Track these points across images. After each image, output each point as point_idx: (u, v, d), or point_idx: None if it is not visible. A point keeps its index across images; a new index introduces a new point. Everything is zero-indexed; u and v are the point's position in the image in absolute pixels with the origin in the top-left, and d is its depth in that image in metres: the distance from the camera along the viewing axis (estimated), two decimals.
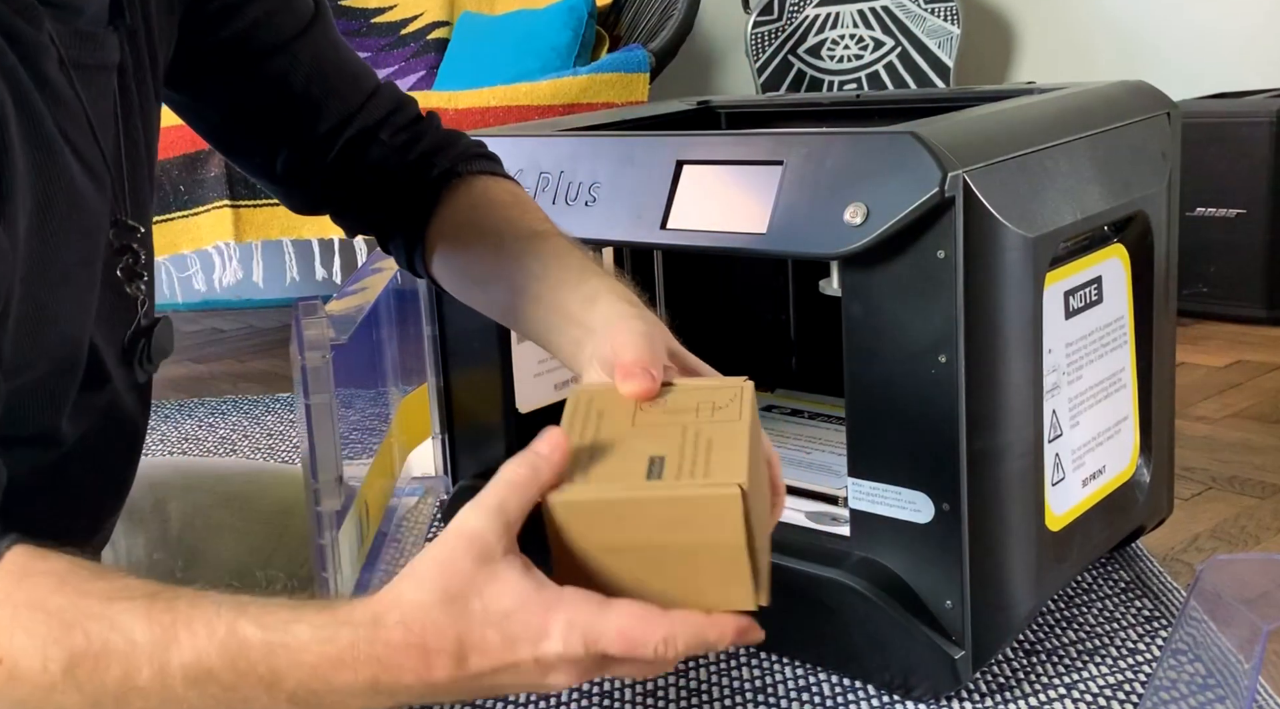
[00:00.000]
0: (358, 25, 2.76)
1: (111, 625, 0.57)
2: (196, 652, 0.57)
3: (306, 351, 0.89)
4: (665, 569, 0.61)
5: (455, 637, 0.58)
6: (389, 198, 0.96)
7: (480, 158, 0.98)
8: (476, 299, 0.95)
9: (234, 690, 0.58)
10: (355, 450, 1.12)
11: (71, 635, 0.57)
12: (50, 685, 0.57)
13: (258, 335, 2.73)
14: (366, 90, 0.96)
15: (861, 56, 2.72)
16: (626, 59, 2.26)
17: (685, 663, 1.13)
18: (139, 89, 0.83)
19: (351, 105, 0.94)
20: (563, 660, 0.59)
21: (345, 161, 0.95)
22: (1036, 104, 1.12)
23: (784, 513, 1.13)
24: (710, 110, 1.47)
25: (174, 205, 2.08)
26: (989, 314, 0.95)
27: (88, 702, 0.58)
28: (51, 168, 0.70)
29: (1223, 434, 1.70)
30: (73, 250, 0.73)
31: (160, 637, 0.58)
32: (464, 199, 0.94)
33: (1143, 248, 1.15)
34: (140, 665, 0.57)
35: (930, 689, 1.03)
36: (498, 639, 0.59)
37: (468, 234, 0.93)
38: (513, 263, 0.88)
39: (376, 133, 0.95)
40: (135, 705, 0.58)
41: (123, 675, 0.57)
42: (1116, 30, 2.65)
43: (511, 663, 0.59)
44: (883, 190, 0.93)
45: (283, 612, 0.59)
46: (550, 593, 0.59)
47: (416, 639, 0.58)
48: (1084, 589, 1.23)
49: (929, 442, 0.96)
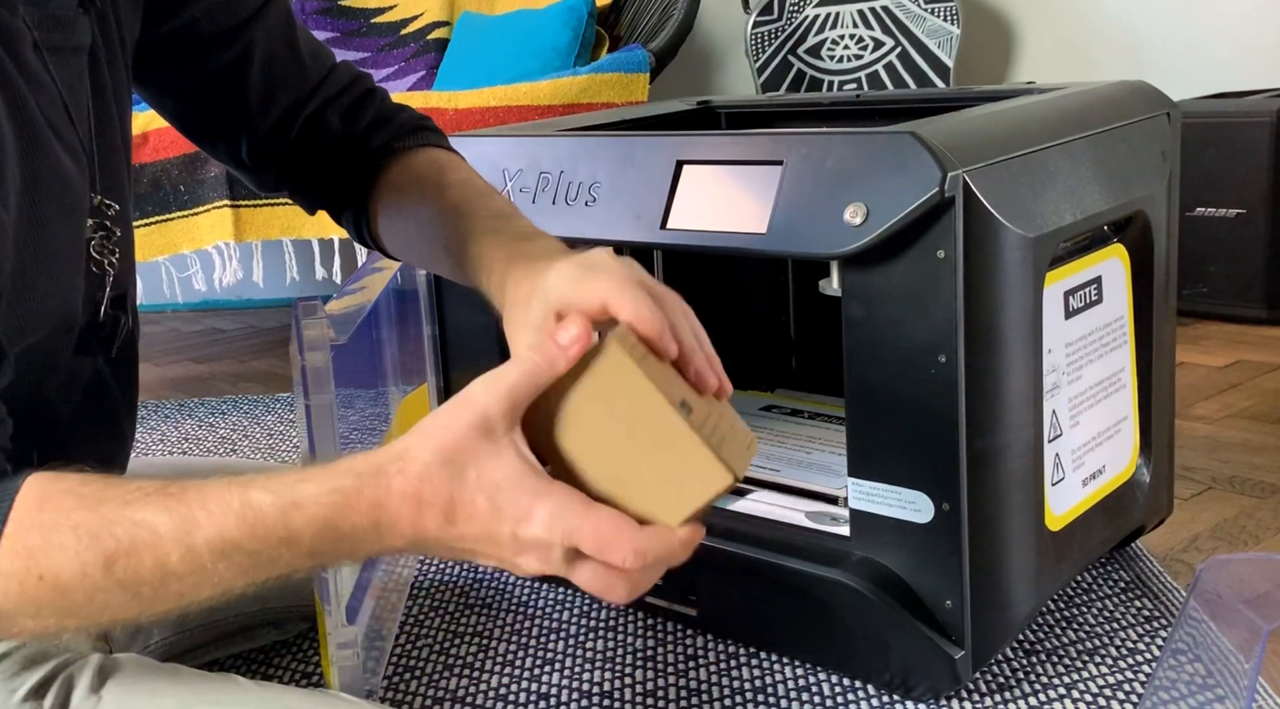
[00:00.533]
0: (358, 25, 2.76)
1: (135, 523, 0.63)
2: (217, 528, 0.63)
3: (306, 352, 0.89)
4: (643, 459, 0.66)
5: (448, 496, 0.63)
6: (338, 171, 0.99)
7: (420, 131, 1.01)
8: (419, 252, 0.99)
9: (258, 555, 0.64)
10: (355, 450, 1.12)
11: (101, 541, 0.62)
12: (93, 588, 0.63)
13: (258, 335, 2.73)
14: (324, 69, 0.99)
15: (861, 56, 2.72)
16: (626, 59, 2.26)
17: (685, 663, 1.13)
18: (110, 71, 0.85)
19: (310, 83, 0.98)
20: (538, 545, 0.63)
21: (303, 139, 0.98)
22: (1036, 104, 1.12)
23: (784, 513, 1.13)
24: (710, 110, 1.47)
25: (174, 205, 2.08)
26: (989, 314, 0.95)
27: (129, 594, 0.63)
28: (37, 149, 0.73)
29: (1223, 434, 1.70)
30: (61, 227, 0.76)
31: (180, 522, 0.63)
32: (400, 171, 0.98)
33: (1143, 248, 1.15)
34: (169, 551, 0.63)
35: (930, 689, 1.03)
36: (486, 508, 0.63)
37: (404, 198, 0.97)
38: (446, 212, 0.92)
39: (330, 108, 0.98)
40: (172, 588, 0.64)
41: (155, 563, 0.63)
42: (1116, 30, 2.65)
43: (493, 533, 0.64)
44: (883, 190, 0.93)
45: (288, 476, 0.64)
46: (542, 481, 0.64)
47: (414, 489, 0.63)
48: (1084, 589, 1.23)
49: (929, 442, 0.96)
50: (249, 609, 1.14)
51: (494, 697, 1.10)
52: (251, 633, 1.17)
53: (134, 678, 0.80)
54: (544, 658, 1.16)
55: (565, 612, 1.25)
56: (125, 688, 0.79)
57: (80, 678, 0.79)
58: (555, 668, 1.14)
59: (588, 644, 1.18)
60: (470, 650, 1.18)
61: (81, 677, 0.79)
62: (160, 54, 0.93)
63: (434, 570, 1.37)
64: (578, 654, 1.16)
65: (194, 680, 0.82)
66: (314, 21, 2.73)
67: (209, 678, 0.83)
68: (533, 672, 1.14)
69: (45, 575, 0.62)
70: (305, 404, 0.91)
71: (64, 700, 0.78)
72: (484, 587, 1.32)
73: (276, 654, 1.19)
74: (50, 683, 0.79)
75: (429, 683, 1.13)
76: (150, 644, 1.05)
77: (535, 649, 1.18)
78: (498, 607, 1.27)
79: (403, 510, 0.64)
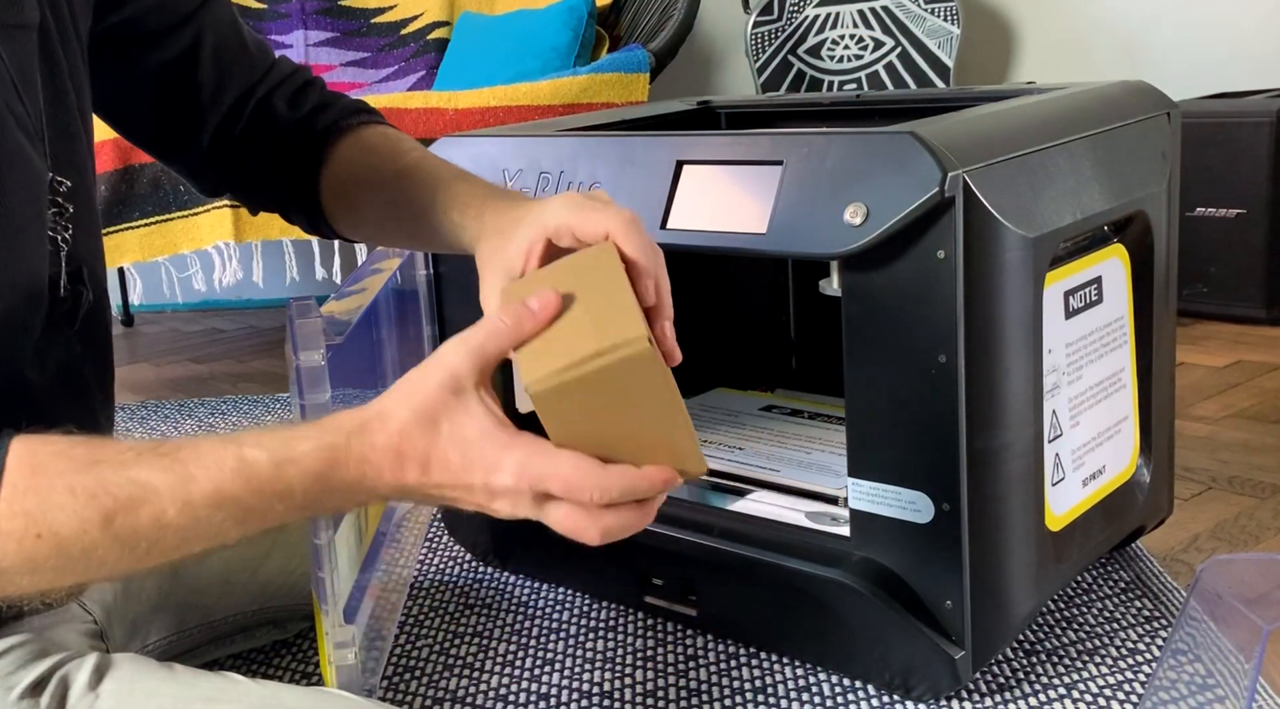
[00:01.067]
0: (358, 25, 2.76)
1: (131, 481, 0.66)
2: (214, 482, 0.66)
3: (301, 351, 0.88)
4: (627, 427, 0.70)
5: (424, 449, 0.68)
6: (287, 157, 1.00)
7: (364, 112, 1.03)
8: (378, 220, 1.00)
9: (253, 509, 0.67)
10: None
11: (99, 499, 0.65)
12: (91, 545, 0.65)
13: (258, 335, 2.73)
14: (268, 59, 1.01)
15: (861, 56, 2.72)
16: (626, 59, 2.26)
17: (685, 663, 1.13)
18: (65, 52, 0.85)
19: (257, 72, 1.00)
20: (508, 492, 0.68)
21: (251, 128, 1.00)
22: (1036, 104, 1.12)
23: (784, 513, 1.13)
24: (710, 110, 1.47)
25: (174, 205, 2.08)
26: (989, 314, 0.95)
27: (125, 548, 0.66)
28: None
29: (1223, 434, 1.70)
30: (25, 201, 0.77)
31: (176, 479, 0.66)
32: (352, 146, 1.00)
33: (1143, 248, 1.15)
34: (166, 506, 0.66)
35: (930, 689, 1.03)
36: (459, 460, 0.68)
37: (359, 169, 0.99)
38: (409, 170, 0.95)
39: (276, 94, 1.00)
40: (169, 541, 0.67)
41: (152, 519, 0.66)
42: (1116, 30, 2.65)
43: (466, 483, 0.69)
44: (883, 190, 0.93)
45: (278, 433, 0.69)
46: (509, 433, 0.68)
47: (394, 444, 0.68)
48: (1084, 589, 1.23)
49: (929, 442, 0.96)
50: (248, 609, 1.14)
51: (494, 697, 1.10)
52: (251, 633, 1.17)
53: (131, 675, 0.80)
54: (544, 658, 1.16)
55: (565, 612, 1.25)
56: (122, 685, 0.79)
57: (77, 676, 0.79)
58: (555, 668, 1.14)
59: (588, 644, 1.18)
60: (470, 650, 1.18)
61: (79, 674, 0.79)
62: (111, 45, 0.93)
63: (434, 570, 1.37)
64: (578, 654, 1.16)
65: (191, 678, 0.82)
66: (314, 21, 2.73)
67: (206, 676, 0.83)
68: (533, 672, 1.14)
69: (44, 533, 0.65)
70: (300, 404, 0.90)
71: (61, 698, 0.78)
72: (484, 587, 1.32)
73: (276, 654, 1.19)
74: (47, 681, 0.79)
75: (429, 683, 1.13)
76: (149, 644, 1.05)
77: (535, 649, 1.18)
78: (498, 607, 1.27)
79: (384, 463, 0.68)
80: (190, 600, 1.09)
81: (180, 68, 0.96)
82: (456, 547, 1.42)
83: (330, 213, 1.01)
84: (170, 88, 0.97)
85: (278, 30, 2.72)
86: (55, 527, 0.64)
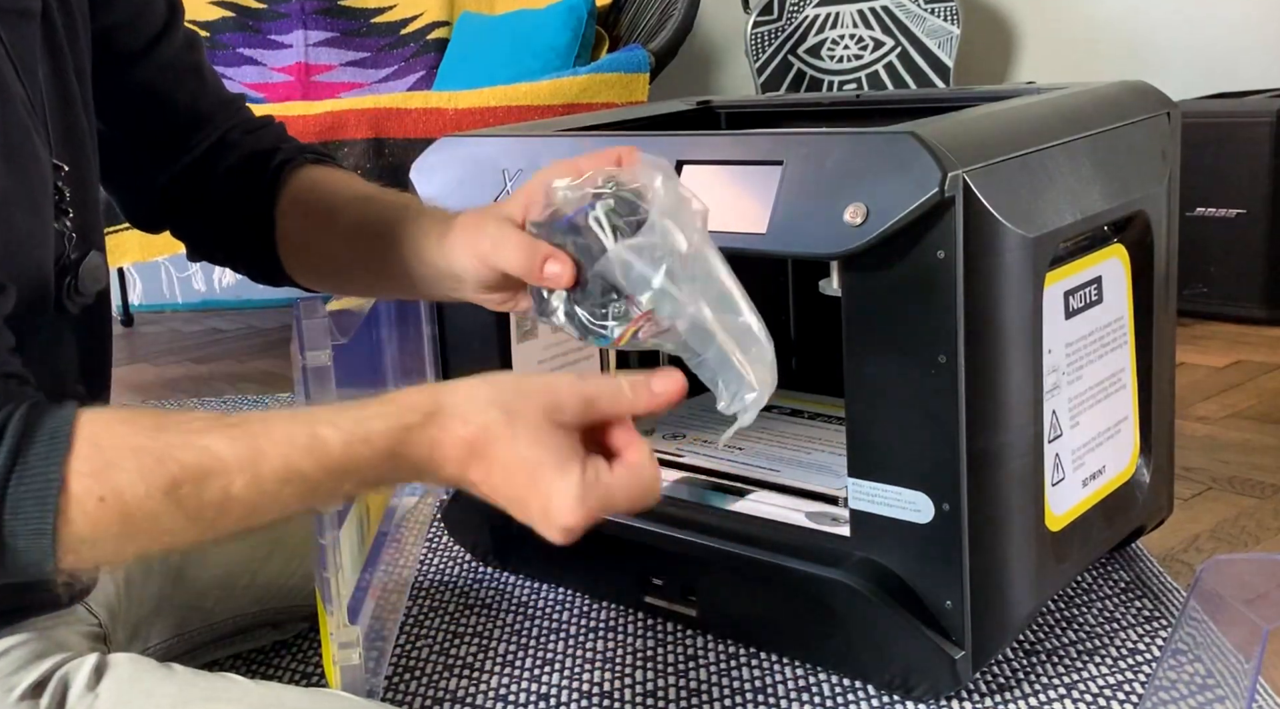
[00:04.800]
0: (358, 25, 2.76)
1: (200, 451, 0.65)
2: (284, 458, 0.66)
3: (308, 351, 0.88)
4: None
5: (494, 456, 0.67)
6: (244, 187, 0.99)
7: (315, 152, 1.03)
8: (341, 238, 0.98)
9: (320, 484, 0.67)
10: None
11: (165, 466, 0.64)
12: (155, 512, 0.64)
13: (258, 335, 2.73)
14: (227, 95, 1.02)
15: (861, 56, 2.72)
16: (626, 59, 2.26)
17: (685, 663, 1.13)
18: (71, 45, 0.85)
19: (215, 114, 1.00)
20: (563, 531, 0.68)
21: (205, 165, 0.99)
22: (1036, 104, 1.12)
23: (784, 513, 1.13)
24: (710, 110, 1.47)
25: None
26: (989, 314, 0.95)
27: (190, 518, 0.65)
28: (6, 104, 0.74)
29: (1223, 434, 1.70)
30: (33, 181, 0.77)
31: (246, 451, 0.65)
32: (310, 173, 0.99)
33: (1143, 248, 1.15)
34: (234, 478, 0.65)
35: (930, 689, 1.03)
36: (524, 482, 0.67)
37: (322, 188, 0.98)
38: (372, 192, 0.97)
39: (230, 135, 1.00)
40: (234, 512, 0.66)
41: (220, 489, 0.65)
42: (1116, 30, 2.65)
43: (524, 502, 0.68)
44: (883, 190, 0.93)
45: (351, 410, 0.68)
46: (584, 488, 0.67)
47: (470, 437, 0.68)
48: (1084, 589, 1.23)
49: (929, 442, 0.96)
50: (248, 611, 1.14)
51: (494, 697, 1.10)
52: (251, 634, 1.17)
53: (130, 676, 0.80)
54: (544, 658, 1.16)
55: (565, 612, 1.25)
56: (122, 686, 0.79)
57: (77, 676, 0.79)
58: (555, 668, 1.14)
59: (588, 644, 1.18)
60: (470, 651, 1.18)
61: (78, 675, 0.79)
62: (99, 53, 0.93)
63: (434, 571, 1.37)
64: (578, 654, 1.16)
65: (191, 678, 0.81)
66: (314, 21, 2.73)
67: (206, 676, 0.83)
68: (533, 672, 1.14)
69: (107, 497, 0.63)
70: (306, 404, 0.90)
71: (61, 698, 0.78)
72: (484, 587, 1.32)
73: (276, 654, 1.19)
74: (47, 681, 0.79)
75: (429, 683, 1.13)
76: (150, 646, 1.05)
77: (535, 649, 1.18)
78: (498, 607, 1.27)
79: (451, 454, 0.68)
80: (191, 603, 1.09)
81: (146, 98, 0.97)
82: (456, 547, 1.42)
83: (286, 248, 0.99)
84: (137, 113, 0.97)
85: (278, 30, 2.72)
86: (119, 491, 0.63)
